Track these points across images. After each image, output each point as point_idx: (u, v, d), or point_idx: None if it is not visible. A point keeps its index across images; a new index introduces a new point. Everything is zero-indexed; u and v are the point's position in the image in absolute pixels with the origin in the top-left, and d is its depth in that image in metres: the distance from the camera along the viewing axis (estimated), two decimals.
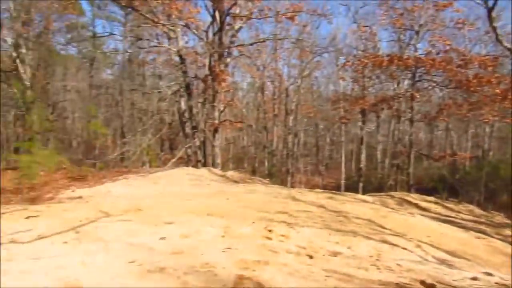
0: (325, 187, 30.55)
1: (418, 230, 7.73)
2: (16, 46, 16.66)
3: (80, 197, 9.80)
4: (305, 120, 36.29)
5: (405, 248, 5.61)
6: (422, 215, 9.83)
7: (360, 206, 9.10)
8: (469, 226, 9.39)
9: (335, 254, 4.51)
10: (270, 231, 5.28)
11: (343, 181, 31.41)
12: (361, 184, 22.52)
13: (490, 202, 23.51)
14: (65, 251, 3.91)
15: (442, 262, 5.25)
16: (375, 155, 35.30)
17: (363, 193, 22.83)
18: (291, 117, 26.14)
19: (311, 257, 4.19)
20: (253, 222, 5.94)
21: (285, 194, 9.50)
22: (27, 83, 16.68)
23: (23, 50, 16.97)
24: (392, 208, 9.94)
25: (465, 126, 28.57)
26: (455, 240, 7.64)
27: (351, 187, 29.14)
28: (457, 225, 9.15)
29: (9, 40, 16.15)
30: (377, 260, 4.58)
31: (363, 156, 21.48)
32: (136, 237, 4.51)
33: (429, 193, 25.32)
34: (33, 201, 9.67)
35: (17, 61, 16.45)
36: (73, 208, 6.62)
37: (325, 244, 4.92)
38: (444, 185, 18.44)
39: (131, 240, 4.31)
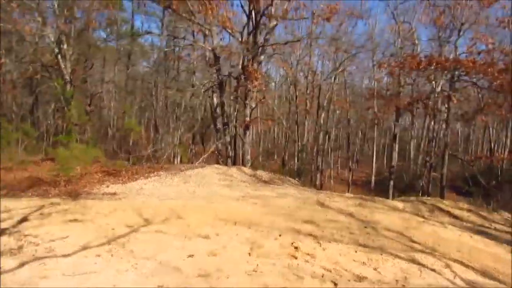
0: (355, 182, 30.32)
1: (449, 244, 7.57)
2: (58, 42, 17.27)
3: (114, 193, 10.16)
4: (337, 113, 35.91)
5: (433, 270, 5.53)
6: (454, 224, 9.60)
7: (390, 215, 8.97)
8: (502, 238, 9.07)
9: (360, 279, 4.51)
10: (296, 248, 5.34)
11: (373, 177, 31.02)
12: (391, 182, 22.10)
13: None
14: (98, 267, 4.11)
15: (472, 286, 5.16)
16: (407, 150, 34.55)
17: (394, 191, 22.56)
18: (322, 114, 25.87)
19: (335, 284, 4.22)
20: (280, 235, 6.01)
21: (313, 199, 9.49)
22: (67, 78, 17.32)
23: (65, 46, 17.58)
24: (423, 217, 9.74)
25: (505, 121, 27.39)
26: (486, 255, 7.43)
27: (382, 184, 28.74)
28: (489, 237, 8.88)
29: (52, 36, 16.75)
30: (403, 285, 4.55)
31: (395, 154, 21.02)
32: (166, 252, 4.67)
33: (463, 193, 24.68)
34: (70, 195, 10.10)
35: (59, 56, 17.07)
36: (109, 210, 6.86)
37: (351, 266, 4.93)
38: (478, 188, 17.82)
39: (161, 258, 4.47)
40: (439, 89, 19.87)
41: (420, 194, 24.21)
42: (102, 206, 7.37)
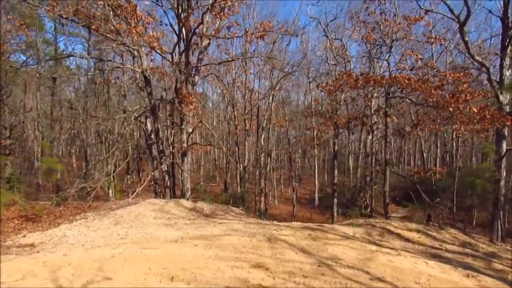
0: (299, 201, 30.03)
1: (406, 276, 7.10)
2: None
3: (32, 245, 8.72)
4: (277, 132, 35.79)
5: None
6: (406, 249, 9.26)
7: (343, 246, 8.38)
8: (456, 260, 8.84)
9: None
10: None
11: (316, 194, 31.02)
12: (335, 200, 21.95)
13: (462, 210, 23.61)
14: None
15: None
16: (346, 164, 35.15)
17: (338, 207, 22.45)
18: (262, 135, 25.36)
19: None
20: None
21: (261, 235, 8.68)
22: None
23: None
24: (375, 243, 9.30)
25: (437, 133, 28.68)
26: (445, 284, 7.03)
27: (325, 200, 28.77)
28: (444, 261, 8.60)
29: None
30: None
31: (336, 172, 20.89)
32: None
33: (401, 204, 25.24)
34: None
35: None
36: (17, 278, 5.55)
37: None
38: (421, 205, 18.13)
39: None
40: (373, 104, 20.18)
41: (363, 208, 24.43)
42: (10, 270, 6.02)
